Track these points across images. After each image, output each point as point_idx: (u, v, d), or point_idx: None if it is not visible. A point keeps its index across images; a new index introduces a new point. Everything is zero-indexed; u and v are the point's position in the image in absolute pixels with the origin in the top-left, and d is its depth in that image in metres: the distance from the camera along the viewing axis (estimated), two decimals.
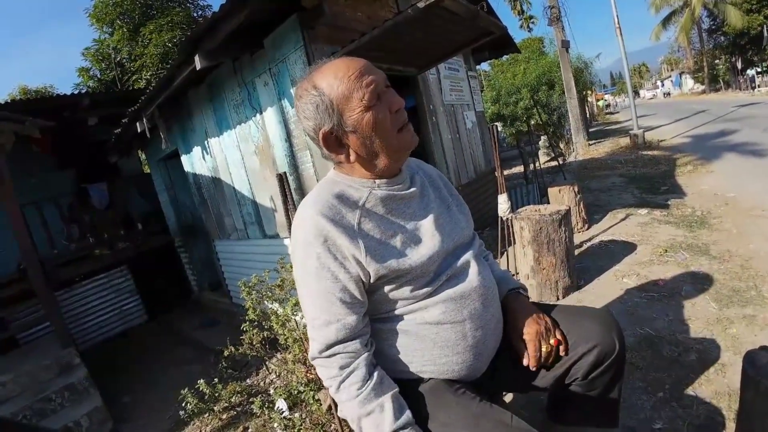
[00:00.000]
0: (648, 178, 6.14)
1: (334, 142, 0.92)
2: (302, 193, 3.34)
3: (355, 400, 0.87)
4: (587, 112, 19.30)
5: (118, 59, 13.03)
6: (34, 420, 3.15)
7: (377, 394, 0.87)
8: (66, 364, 3.56)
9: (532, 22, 12.46)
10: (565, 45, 10.79)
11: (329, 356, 0.90)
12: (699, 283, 2.58)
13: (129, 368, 4.41)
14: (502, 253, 3.42)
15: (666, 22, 28.82)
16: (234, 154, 4.10)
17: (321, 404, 2.01)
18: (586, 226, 4.17)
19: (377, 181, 0.96)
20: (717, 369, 1.79)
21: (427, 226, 0.98)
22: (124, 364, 4.56)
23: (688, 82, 39.48)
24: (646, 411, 1.65)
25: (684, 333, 2.10)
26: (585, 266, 3.19)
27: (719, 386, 1.69)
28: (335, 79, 0.87)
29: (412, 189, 1.01)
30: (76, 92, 6.42)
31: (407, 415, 0.88)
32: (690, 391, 1.71)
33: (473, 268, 1.00)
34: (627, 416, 1.61)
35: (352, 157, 0.93)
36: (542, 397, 1.41)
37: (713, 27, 27.74)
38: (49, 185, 6.17)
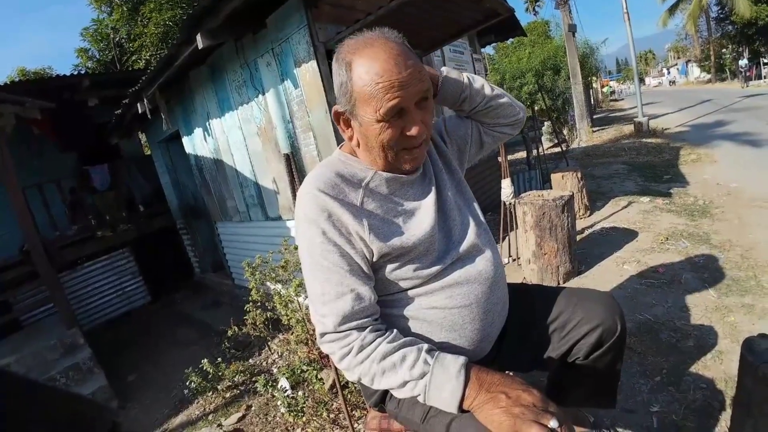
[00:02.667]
0: (651, 167, 6.11)
1: (343, 121, 0.94)
2: (304, 174, 3.33)
3: (377, 353, 0.83)
4: (592, 98, 19.08)
5: (117, 39, 12.83)
6: None
7: (400, 345, 0.84)
8: (70, 344, 3.61)
9: (538, 5, 12.25)
10: (572, 29, 10.61)
11: (345, 331, 0.86)
12: (699, 271, 2.59)
13: (133, 348, 4.47)
14: (504, 238, 3.43)
15: (673, 9, 28.27)
16: (236, 135, 4.08)
17: (324, 383, 2.04)
18: (588, 212, 4.17)
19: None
20: (714, 356, 1.82)
21: (428, 205, 0.98)
22: (128, 344, 4.62)
23: (695, 71, 38.92)
24: (644, 394, 1.68)
25: (683, 320, 2.12)
26: (586, 252, 3.20)
27: (716, 372, 1.72)
28: (366, 74, 0.83)
29: (417, 173, 1.01)
30: (75, 73, 6.35)
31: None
32: (687, 376, 1.73)
33: (479, 251, 1.00)
34: (625, 399, 1.64)
35: (354, 142, 0.94)
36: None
37: (721, 15, 27.20)
38: (50, 167, 6.17)
